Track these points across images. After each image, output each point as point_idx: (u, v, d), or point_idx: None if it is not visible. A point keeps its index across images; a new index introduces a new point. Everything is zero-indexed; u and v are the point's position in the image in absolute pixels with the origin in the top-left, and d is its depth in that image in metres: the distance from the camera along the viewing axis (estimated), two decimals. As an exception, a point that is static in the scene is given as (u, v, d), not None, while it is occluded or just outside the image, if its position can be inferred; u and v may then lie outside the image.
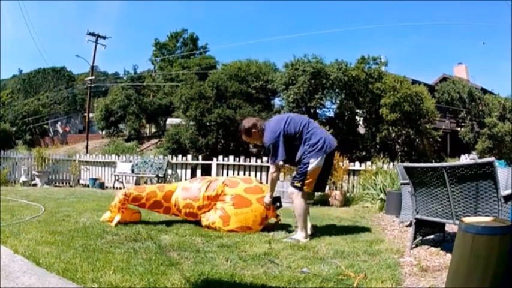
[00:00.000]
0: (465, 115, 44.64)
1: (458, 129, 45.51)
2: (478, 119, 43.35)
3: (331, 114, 40.54)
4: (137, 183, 19.44)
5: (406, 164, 6.84)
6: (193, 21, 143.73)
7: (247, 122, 7.35)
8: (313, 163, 6.67)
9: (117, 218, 7.51)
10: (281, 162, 7.15)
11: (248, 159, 17.87)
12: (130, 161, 20.29)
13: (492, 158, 5.07)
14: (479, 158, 36.74)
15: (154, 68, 65.78)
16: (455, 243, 3.88)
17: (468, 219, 3.89)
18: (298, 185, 6.80)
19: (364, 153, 35.34)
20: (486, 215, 4.83)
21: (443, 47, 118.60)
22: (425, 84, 41.38)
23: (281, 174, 16.17)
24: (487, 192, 4.94)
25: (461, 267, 3.76)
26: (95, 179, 20.70)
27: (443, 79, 49.27)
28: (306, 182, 6.75)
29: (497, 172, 4.87)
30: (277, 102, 42.92)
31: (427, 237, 6.62)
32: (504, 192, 4.91)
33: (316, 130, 6.90)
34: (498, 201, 4.85)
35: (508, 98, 43.65)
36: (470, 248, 3.63)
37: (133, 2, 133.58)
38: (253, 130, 7.25)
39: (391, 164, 15.27)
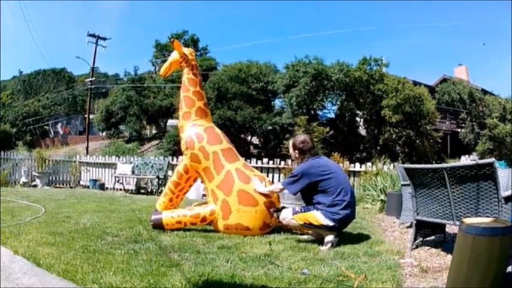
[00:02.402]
0: (465, 116, 44.69)
1: (459, 130, 45.54)
2: (478, 120, 43.37)
3: (332, 115, 40.67)
4: (137, 184, 19.46)
5: (407, 165, 6.83)
6: (194, 22, 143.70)
7: (299, 138, 7.32)
8: (319, 217, 6.51)
9: None
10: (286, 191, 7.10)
11: (248, 160, 17.81)
12: (131, 162, 20.22)
13: (492, 159, 5.06)
14: (480, 159, 36.79)
15: (155, 69, 65.63)
16: (456, 244, 3.87)
17: (468, 220, 3.89)
18: (295, 214, 6.76)
19: (364, 155, 35.44)
20: (487, 216, 4.83)
21: (444, 48, 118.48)
22: (425, 86, 41.44)
23: (281, 175, 16.20)
24: (488, 193, 4.93)
25: (462, 268, 3.76)
26: (95, 180, 20.67)
27: (444, 80, 49.27)
28: (300, 216, 6.70)
29: (498, 173, 4.87)
30: (277, 103, 43.04)
31: (428, 238, 6.61)
32: (504, 193, 4.91)
33: (343, 200, 6.68)
34: (498, 202, 4.84)
35: (508, 99, 43.68)
36: (470, 249, 3.63)
37: (134, 2, 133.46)
38: (297, 148, 7.19)
39: (392, 165, 15.24)
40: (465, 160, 31.97)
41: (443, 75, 51.49)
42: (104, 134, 57.77)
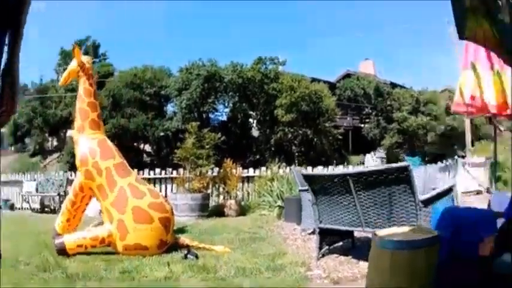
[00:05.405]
0: (370, 111, 45.43)
1: (362, 125, 46.27)
2: (385, 114, 44.07)
3: (224, 118, 40.70)
4: (42, 202, 18.74)
5: (304, 171, 6.67)
6: (98, 26, 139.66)
7: None
8: None
9: None
10: None
11: (141, 172, 17.28)
12: (35, 180, 19.48)
13: (407, 163, 4.93)
14: (387, 154, 37.58)
15: (58, 77, 63.92)
16: (370, 259, 3.62)
17: (383, 232, 3.62)
18: None
19: (258, 157, 35.62)
20: (402, 222, 4.63)
21: (351, 44, 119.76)
22: (325, 82, 41.88)
23: (174, 185, 15.88)
24: (402, 197, 4.75)
25: (381, 285, 3.48)
26: (6, 200, 19.81)
27: (347, 75, 49.69)
28: None
29: (413, 174, 4.68)
30: (170, 108, 42.46)
31: (335, 245, 6.40)
32: (422, 196, 4.75)
33: None
34: (416, 206, 4.66)
35: (422, 91, 44.81)
36: (389, 265, 3.35)
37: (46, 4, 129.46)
38: None
39: (288, 168, 15.10)
40: (371, 158, 32.43)
41: (346, 70, 51.75)
42: (12, 148, 56.09)
